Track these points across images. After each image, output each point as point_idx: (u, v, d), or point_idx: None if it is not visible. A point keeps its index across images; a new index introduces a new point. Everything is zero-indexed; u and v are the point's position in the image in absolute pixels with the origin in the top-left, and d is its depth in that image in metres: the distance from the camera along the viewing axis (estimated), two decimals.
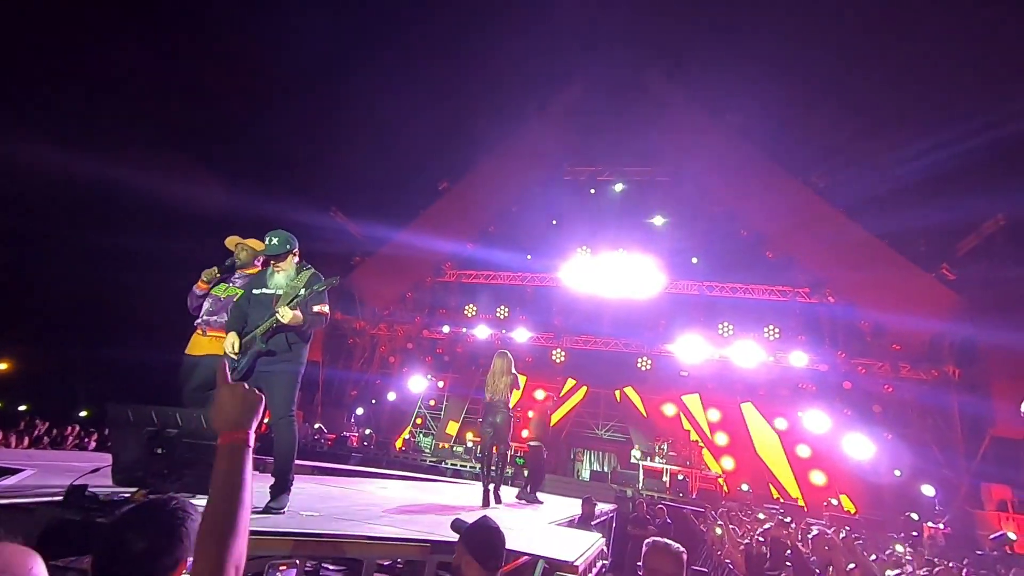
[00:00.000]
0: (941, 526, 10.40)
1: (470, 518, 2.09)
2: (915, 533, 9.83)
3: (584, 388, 16.73)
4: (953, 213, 11.97)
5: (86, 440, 8.33)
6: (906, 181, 12.55)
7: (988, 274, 12.06)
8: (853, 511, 12.31)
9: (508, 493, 6.62)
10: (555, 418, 16.24)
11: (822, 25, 13.86)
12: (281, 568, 1.24)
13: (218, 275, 3.82)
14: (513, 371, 5.58)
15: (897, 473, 12.60)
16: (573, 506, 7.11)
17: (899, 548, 8.20)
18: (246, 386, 1.05)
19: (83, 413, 11.92)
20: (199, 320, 3.80)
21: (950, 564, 6.15)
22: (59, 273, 12.98)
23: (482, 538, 1.96)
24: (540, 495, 6.72)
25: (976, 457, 11.77)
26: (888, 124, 13.94)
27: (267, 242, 3.20)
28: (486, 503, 5.21)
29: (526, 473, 7.29)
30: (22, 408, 11.47)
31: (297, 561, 1.26)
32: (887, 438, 13.07)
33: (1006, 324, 11.07)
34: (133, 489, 2.26)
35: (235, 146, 14.82)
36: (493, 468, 5.46)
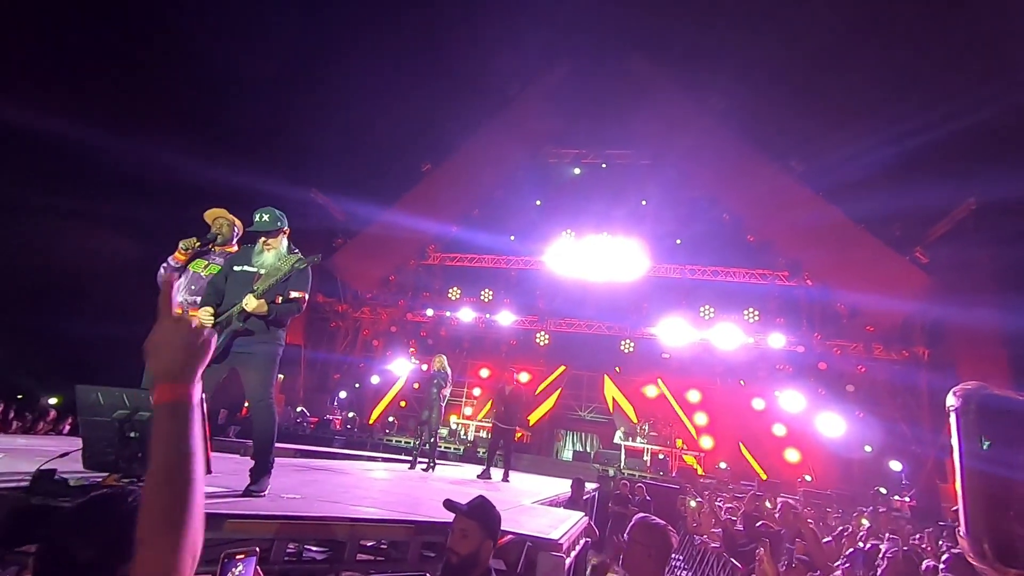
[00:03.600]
0: (907, 499, 10.87)
1: (458, 499, 2.07)
2: (882, 508, 10.24)
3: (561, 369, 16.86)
4: (927, 197, 12.23)
5: (60, 425, 8.12)
6: (881, 166, 12.76)
7: (958, 257, 12.43)
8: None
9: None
10: (541, 411, 16.42)
11: (803, 12, 13.86)
12: (239, 557, 1.10)
13: (197, 245, 3.63)
14: (445, 369, 6.84)
15: (868, 449, 13.09)
16: (556, 485, 7.22)
17: (864, 522, 8.50)
18: (195, 322, 0.80)
19: (53, 400, 11.56)
20: (180, 299, 3.65)
21: (917, 536, 6.42)
22: (24, 245, 12.49)
23: (495, 518, 1.99)
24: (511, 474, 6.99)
25: (942, 433, 12.29)
26: (865, 110, 14.11)
27: (257, 219, 3.07)
28: (412, 466, 6.79)
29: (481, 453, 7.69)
30: None
31: (257, 549, 1.15)
32: (858, 416, 13.53)
33: (973, 306, 11.46)
34: (105, 474, 2.19)
35: (215, 122, 14.31)
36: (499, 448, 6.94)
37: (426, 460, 6.79)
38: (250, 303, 2.86)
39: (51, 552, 0.90)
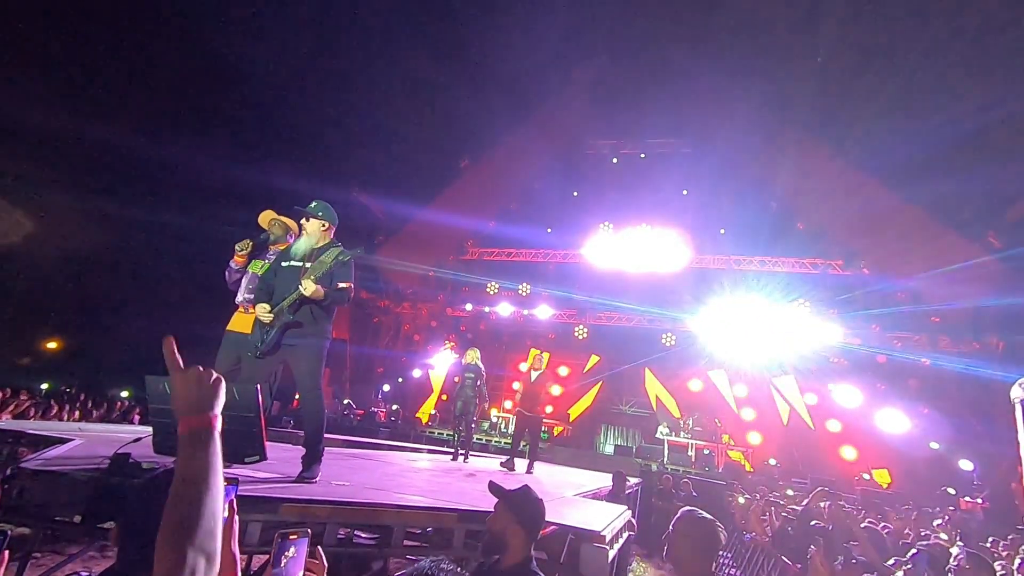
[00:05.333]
0: (979, 500, 10.12)
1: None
2: (952, 508, 9.59)
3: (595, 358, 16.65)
4: (1002, 177, 11.25)
5: (130, 415, 8.76)
6: (948, 145, 11.83)
7: None
8: (886, 484, 12.09)
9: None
10: (581, 406, 16.32)
11: None
12: (292, 537, 1.17)
13: (251, 246, 3.85)
14: (477, 363, 7.24)
15: (935, 446, 12.26)
16: (597, 479, 7.17)
17: (943, 534, 7.87)
18: (200, 368, 0.93)
19: (124, 393, 12.54)
20: (240, 298, 3.87)
21: (990, 540, 5.98)
22: (95, 251, 13.55)
23: (531, 510, 2.04)
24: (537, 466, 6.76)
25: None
26: (928, 85, 13.07)
27: (311, 204, 3.24)
28: (454, 458, 6.87)
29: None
30: (44, 386, 12.14)
31: (309, 530, 1.21)
32: (923, 412, 12.70)
33: None
34: (173, 457, 2.34)
35: (260, 127, 15.00)
36: (522, 440, 6.76)
37: (461, 451, 6.95)
38: (308, 287, 2.96)
39: (129, 522, 1.03)
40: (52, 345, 15.74)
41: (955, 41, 12.40)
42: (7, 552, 0.99)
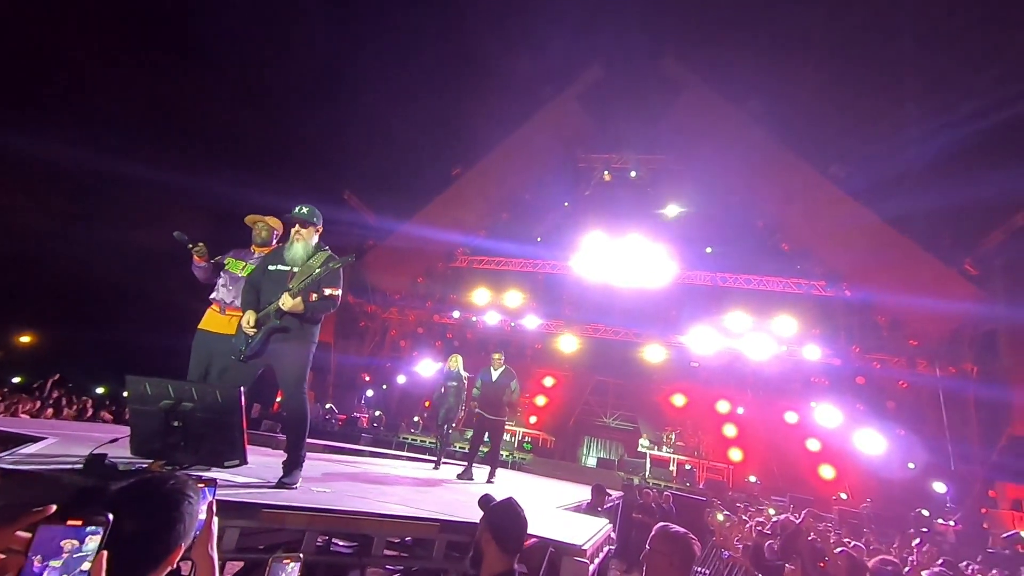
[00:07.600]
0: (952, 523, 10.30)
1: (475, 498, 2.11)
2: (925, 530, 9.74)
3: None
4: (980, 205, 11.56)
5: (101, 413, 8.55)
6: (930, 172, 12.17)
7: (1014, 268, 11.74)
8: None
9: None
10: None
11: (839, 5, 13.39)
12: (285, 562, 1.16)
13: (203, 248, 3.81)
14: (459, 370, 7.04)
15: (911, 466, 12.47)
16: (579, 491, 7.16)
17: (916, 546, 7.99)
18: None
19: (100, 390, 12.25)
20: (216, 296, 3.82)
21: (964, 563, 6.08)
22: (75, 260, 13.33)
23: (504, 521, 2.00)
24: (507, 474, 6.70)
25: (992, 455, 11.59)
26: (911, 115, 13.44)
27: (296, 210, 3.22)
28: (436, 466, 6.82)
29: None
30: (16, 380, 11.85)
31: (301, 555, 1.20)
32: (900, 434, 12.92)
33: None
34: (150, 460, 2.30)
35: (251, 131, 14.90)
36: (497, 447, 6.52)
37: (445, 459, 6.93)
38: (286, 302, 2.93)
39: (119, 534, 0.97)
40: (25, 339, 15.32)
41: (942, 64, 12.79)
42: None
